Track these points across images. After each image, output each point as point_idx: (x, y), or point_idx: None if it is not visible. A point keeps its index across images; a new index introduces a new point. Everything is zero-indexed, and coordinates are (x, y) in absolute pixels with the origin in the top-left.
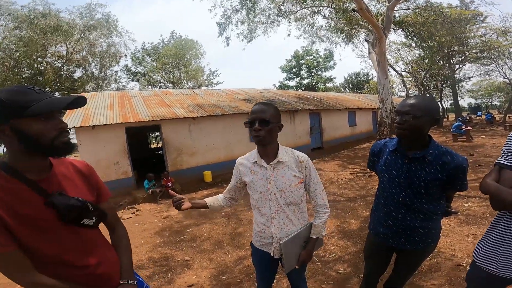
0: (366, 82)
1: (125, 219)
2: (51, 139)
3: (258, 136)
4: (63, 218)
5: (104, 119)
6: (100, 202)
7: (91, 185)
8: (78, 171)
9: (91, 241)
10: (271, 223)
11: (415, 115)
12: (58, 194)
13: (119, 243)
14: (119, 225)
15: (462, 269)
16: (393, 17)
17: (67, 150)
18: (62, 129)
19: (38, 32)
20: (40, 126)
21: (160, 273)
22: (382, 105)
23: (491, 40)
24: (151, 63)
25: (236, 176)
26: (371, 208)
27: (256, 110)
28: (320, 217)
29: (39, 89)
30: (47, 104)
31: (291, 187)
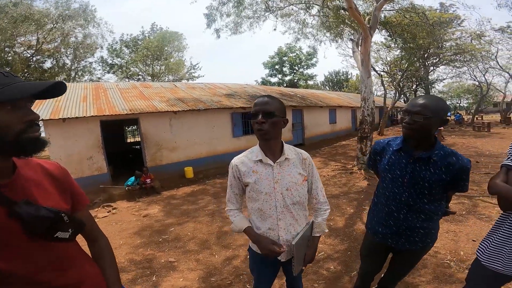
0: (346, 81)
1: (100, 218)
2: (16, 133)
3: (262, 130)
4: (31, 231)
5: (76, 112)
6: (77, 210)
7: (65, 191)
8: (48, 175)
9: (69, 257)
10: (277, 226)
11: (425, 115)
12: (24, 203)
13: (102, 256)
14: (100, 235)
15: (446, 265)
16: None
17: (36, 148)
18: (32, 121)
19: (8, 21)
20: (4, 116)
21: (143, 276)
22: (364, 104)
23: (465, 43)
24: (129, 55)
25: (238, 178)
26: (354, 206)
27: (260, 102)
28: (322, 214)
29: (7, 73)
30: (16, 90)
31: (297, 186)
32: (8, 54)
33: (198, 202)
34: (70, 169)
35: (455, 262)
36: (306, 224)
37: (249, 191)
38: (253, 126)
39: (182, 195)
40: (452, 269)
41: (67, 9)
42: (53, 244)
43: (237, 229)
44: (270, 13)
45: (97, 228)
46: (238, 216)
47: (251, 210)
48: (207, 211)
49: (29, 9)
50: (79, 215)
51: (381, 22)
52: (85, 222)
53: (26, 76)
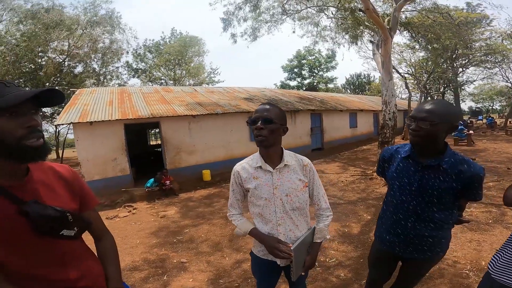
0: (368, 84)
1: (121, 217)
2: (17, 139)
3: (260, 136)
4: (38, 228)
5: (102, 115)
6: (85, 210)
7: (74, 192)
8: (59, 177)
9: (71, 253)
10: (277, 231)
11: (432, 121)
12: (33, 202)
13: (106, 254)
14: (106, 234)
15: (464, 276)
16: (399, 18)
17: (37, 154)
18: (33, 127)
19: (41, 27)
20: (4, 123)
21: (155, 275)
22: (385, 107)
23: (496, 43)
24: (152, 59)
25: (239, 184)
26: (372, 212)
27: (260, 109)
28: (323, 220)
29: (9, 83)
30: (14, 97)
31: (297, 192)
32: (42, 59)
33: (213, 204)
34: (95, 170)
35: (475, 273)
36: (308, 230)
37: (250, 196)
38: (252, 132)
39: (199, 198)
40: (470, 280)
41: (94, 15)
42: (58, 241)
43: (242, 232)
44: (287, 16)
45: (103, 228)
46: (242, 220)
47: (253, 215)
48: (221, 214)
49: (60, 16)
50: (87, 215)
51: (402, 23)
52: (91, 221)
53: (59, 81)
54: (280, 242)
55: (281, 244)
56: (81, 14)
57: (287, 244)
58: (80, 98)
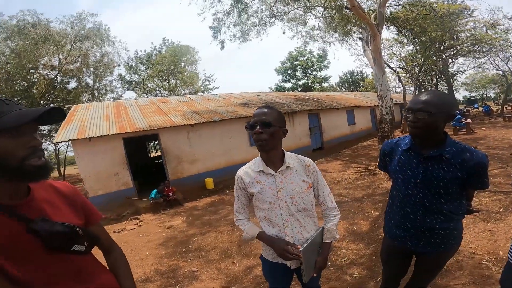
0: (361, 80)
1: (128, 230)
2: (19, 159)
3: (260, 140)
4: (50, 245)
5: (100, 130)
6: (90, 225)
7: (76, 208)
8: (60, 194)
9: (85, 269)
10: (284, 233)
11: (429, 112)
12: (41, 220)
13: (118, 266)
14: (115, 247)
15: (484, 267)
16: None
17: (40, 174)
18: (34, 147)
19: (29, 43)
20: (7, 143)
21: (168, 286)
22: (381, 102)
23: (480, 33)
24: (145, 71)
25: (243, 189)
26: (379, 208)
27: (258, 113)
28: (331, 220)
29: (8, 100)
30: (16, 117)
31: (301, 193)
32: (34, 75)
33: (219, 212)
34: (99, 185)
35: (494, 263)
36: (316, 231)
37: (254, 201)
38: (252, 137)
39: (204, 206)
40: (490, 271)
41: (82, 29)
42: (70, 257)
43: (249, 236)
44: (276, 18)
45: (111, 241)
46: (248, 224)
47: (259, 218)
48: (228, 220)
49: (48, 30)
50: (92, 229)
51: (388, 18)
52: (99, 236)
53: (53, 98)
54: (289, 244)
55: (290, 246)
56: (68, 28)
57: (296, 246)
58: (76, 114)
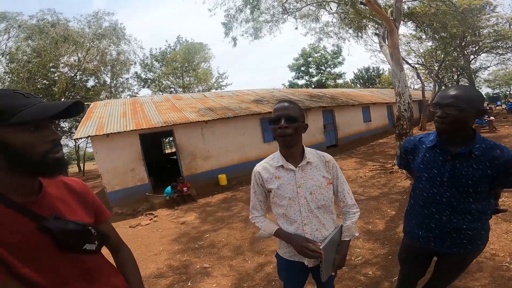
0: (377, 77)
1: (143, 225)
2: (41, 154)
3: (285, 135)
4: (61, 244)
5: (118, 127)
6: (100, 223)
7: (87, 205)
8: (71, 191)
9: (96, 268)
10: (303, 231)
11: (459, 107)
12: (54, 218)
13: (126, 266)
14: (123, 246)
15: (505, 268)
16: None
17: (60, 169)
18: (55, 141)
19: (50, 42)
20: (27, 137)
21: (180, 282)
22: (399, 99)
23: (504, 29)
24: (160, 68)
25: (261, 185)
26: (396, 207)
27: (281, 107)
28: (351, 217)
29: (28, 93)
30: (37, 111)
31: (321, 189)
32: (54, 74)
33: (232, 208)
34: (116, 181)
35: None
36: (335, 228)
37: (272, 197)
38: (274, 132)
39: (217, 202)
40: (511, 272)
41: (99, 28)
42: (81, 257)
43: (266, 234)
44: (288, 15)
45: (119, 239)
46: (265, 221)
47: (277, 215)
48: (240, 217)
49: (67, 30)
50: (102, 228)
51: (406, 14)
52: (109, 234)
53: (73, 95)
54: (309, 241)
55: (310, 242)
56: (85, 27)
57: (316, 243)
58: (95, 111)
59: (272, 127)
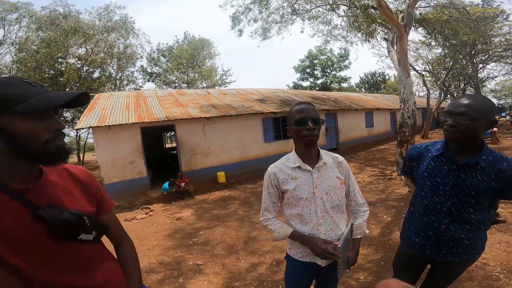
0: (383, 82)
1: (139, 219)
2: (43, 142)
3: (312, 136)
4: (56, 234)
5: (120, 119)
6: (102, 213)
7: (90, 194)
8: (75, 179)
9: (94, 258)
10: (317, 231)
11: (472, 117)
12: (48, 207)
13: (126, 260)
14: (125, 239)
15: (495, 278)
16: (414, 15)
17: (61, 157)
18: (58, 130)
19: (60, 33)
20: (31, 125)
21: (171, 278)
22: (403, 105)
23: None
24: (166, 63)
25: (275, 186)
26: (392, 214)
27: (306, 109)
28: (362, 215)
29: (35, 83)
30: (43, 100)
31: (336, 189)
32: (62, 64)
33: (228, 207)
34: (114, 173)
35: (505, 275)
36: (347, 227)
37: (287, 198)
38: (298, 133)
39: (214, 200)
40: (500, 282)
41: (109, 21)
42: (77, 246)
43: (281, 236)
44: (297, 16)
45: (121, 231)
46: (279, 223)
47: (290, 216)
48: (236, 216)
49: (77, 22)
50: (104, 218)
51: (417, 20)
52: (108, 225)
53: (78, 86)
54: (326, 242)
55: (328, 244)
56: (96, 20)
57: (333, 242)
58: (98, 103)
59: (296, 128)
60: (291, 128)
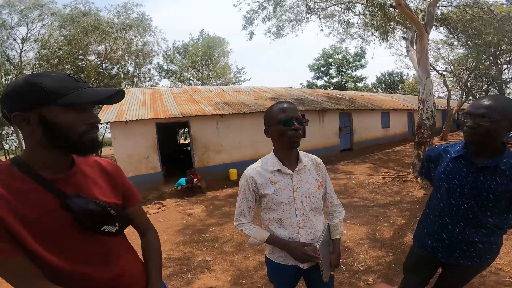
0: (401, 82)
1: (151, 214)
2: (79, 133)
3: (297, 137)
4: (81, 224)
5: (136, 115)
6: (129, 206)
7: (116, 187)
8: (103, 171)
9: (113, 251)
10: (298, 234)
11: (492, 118)
12: (76, 196)
13: (149, 251)
14: (150, 230)
15: (508, 283)
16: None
17: (93, 148)
18: (93, 123)
19: (80, 31)
20: (71, 117)
21: (180, 273)
22: (422, 106)
23: None
24: (181, 61)
25: (253, 191)
26: (406, 216)
27: (290, 108)
28: (338, 216)
29: (78, 78)
30: (85, 94)
31: (315, 192)
32: (82, 61)
33: None
34: (129, 168)
35: None
36: (324, 228)
37: (266, 202)
38: (283, 134)
39: (225, 196)
40: None
41: (127, 19)
42: (99, 237)
43: (257, 241)
44: (312, 14)
45: (147, 223)
46: (255, 228)
47: (268, 221)
48: None
49: (97, 19)
50: (130, 211)
51: (438, 19)
52: (133, 218)
53: (97, 82)
54: (305, 245)
55: (306, 247)
56: (114, 17)
57: (312, 244)
58: None
59: (281, 129)
60: (274, 128)
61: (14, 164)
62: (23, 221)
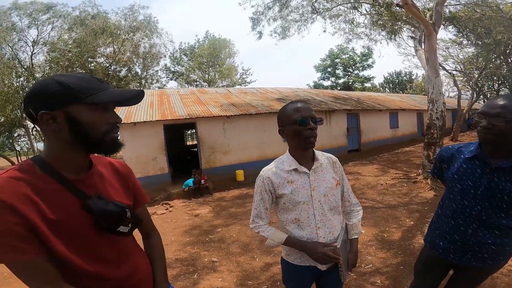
0: (409, 82)
1: (159, 214)
2: (102, 132)
3: (314, 136)
4: (99, 224)
5: (144, 116)
6: (137, 207)
7: (128, 188)
8: (116, 172)
9: (125, 250)
10: (316, 234)
11: (507, 118)
12: (97, 198)
13: (153, 252)
14: (154, 232)
15: None
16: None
17: (115, 148)
18: (115, 123)
19: (89, 33)
20: (95, 116)
21: (186, 273)
22: (432, 106)
23: None
24: (188, 62)
25: (270, 192)
26: (415, 218)
27: (305, 108)
28: (356, 215)
29: (102, 79)
30: (109, 95)
31: (333, 191)
32: (91, 64)
33: (245, 205)
34: (137, 169)
35: None
36: (341, 228)
37: (283, 203)
38: (299, 133)
39: (231, 198)
40: None
41: (134, 21)
42: (114, 238)
43: (275, 243)
44: (318, 14)
45: (152, 225)
46: (272, 230)
47: (286, 221)
48: None
49: (105, 22)
50: (138, 211)
51: (447, 18)
52: (142, 218)
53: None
54: (325, 246)
55: (327, 248)
56: (121, 20)
57: (332, 245)
58: None
59: (297, 129)
60: (289, 128)
61: (37, 164)
62: (48, 222)
